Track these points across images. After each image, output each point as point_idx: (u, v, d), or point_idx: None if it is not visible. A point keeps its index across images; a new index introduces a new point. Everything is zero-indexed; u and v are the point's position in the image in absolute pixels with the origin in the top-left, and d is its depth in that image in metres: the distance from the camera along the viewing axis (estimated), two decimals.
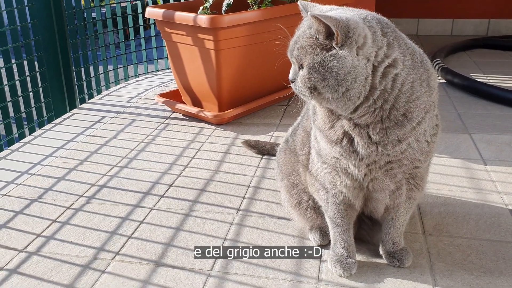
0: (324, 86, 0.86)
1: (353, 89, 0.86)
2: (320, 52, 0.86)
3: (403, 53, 0.89)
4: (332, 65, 0.85)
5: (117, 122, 2.00)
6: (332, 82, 0.85)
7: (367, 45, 0.85)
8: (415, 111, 0.91)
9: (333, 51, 0.85)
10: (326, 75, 0.85)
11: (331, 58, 0.85)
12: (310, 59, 0.87)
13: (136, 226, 1.24)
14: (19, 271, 1.08)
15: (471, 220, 1.23)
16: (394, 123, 0.91)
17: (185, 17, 1.84)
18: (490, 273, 1.03)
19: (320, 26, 0.85)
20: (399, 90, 0.89)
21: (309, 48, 0.87)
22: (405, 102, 0.90)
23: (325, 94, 0.87)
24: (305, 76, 0.88)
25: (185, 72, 2.00)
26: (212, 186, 1.44)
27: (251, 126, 1.91)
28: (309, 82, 0.88)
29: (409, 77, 0.89)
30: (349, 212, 1.04)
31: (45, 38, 2.18)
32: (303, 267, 1.06)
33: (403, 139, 0.92)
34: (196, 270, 1.06)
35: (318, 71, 0.86)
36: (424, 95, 0.91)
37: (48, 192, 1.42)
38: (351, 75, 0.85)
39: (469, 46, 3.11)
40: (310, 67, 0.87)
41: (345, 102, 0.88)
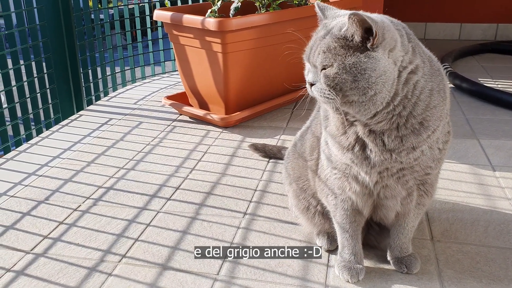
0: (353, 88, 0.84)
1: (381, 93, 0.85)
2: (353, 53, 0.84)
3: (423, 60, 0.89)
4: (366, 67, 0.83)
5: (124, 124, 2.00)
6: (362, 84, 0.83)
7: (396, 49, 0.85)
8: (431, 120, 0.91)
9: (367, 53, 0.83)
10: (357, 77, 0.83)
11: (366, 59, 0.83)
12: (341, 60, 0.84)
13: (143, 229, 1.24)
14: (26, 272, 1.08)
15: (480, 226, 1.22)
16: (410, 131, 0.90)
17: (193, 20, 1.84)
18: (499, 281, 1.02)
19: (357, 26, 0.82)
20: (418, 97, 0.89)
21: (340, 49, 0.85)
22: (423, 110, 0.90)
23: (351, 97, 0.85)
24: (332, 77, 0.85)
25: (192, 75, 2.00)
26: (219, 189, 1.43)
27: (258, 129, 1.91)
28: (337, 83, 0.85)
29: (427, 85, 0.89)
30: (358, 218, 1.04)
31: (53, 39, 2.19)
32: (310, 272, 1.06)
33: (417, 146, 0.92)
34: (203, 274, 1.06)
35: (350, 72, 0.84)
36: (441, 104, 0.91)
37: (55, 193, 1.43)
38: (381, 78, 0.84)
39: (478, 50, 3.09)
40: (341, 68, 0.84)
41: (369, 106, 0.86)
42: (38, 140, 1.87)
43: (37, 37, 2.15)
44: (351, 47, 0.84)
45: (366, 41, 0.83)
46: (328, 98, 0.87)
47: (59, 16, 2.17)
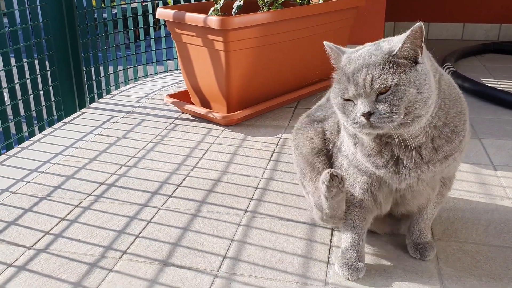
0: (417, 101, 0.85)
1: (433, 103, 0.88)
2: (409, 68, 0.85)
3: (440, 71, 0.93)
4: (425, 77, 0.85)
5: (126, 121, 2.00)
6: (425, 95, 0.85)
7: (426, 58, 0.88)
8: (460, 125, 0.93)
9: (418, 65, 0.86)
10: (421, 88, 0.85)
11: (421, 70, 0.86)
12: (403, 76, 0.85)
13: (144, 225, 1.24)
14: (28, 268, 1.08)
15: (481, 225, 1.22)
16: (444, 140, 0.93)
17: (196, 18, 1.84)
18: (499, 280, 1.02)
19: (409, 42, 0.85)
20: (449, 106, 0.92)
21: (397, 67, 0.85)
22: (453, 117, 0.93)
23: (414, 111, 0.85)
24: (400, 94, 0.84)
25: (194, 73, 2.01)
26: (220, 187, 1.44)
27: (260, 127, 1.91)
28: (403, 99, 0.84)
29: (452, 92, 0.92)
30: (369, 217, 1.06)
31: (56, 37, 2.19)
32: (310, 270, 1.06)
33: (450, 155, 0.95)
34: (203, 271, 1.06)
35: (414, 85, 0.85)
36: (465, 107, 0.95)
37: (57, 190, 1.43)
38: (433, 87, 0.87)
39: (480, 50, 3.09)
40: (405, 83, 0.84)
41: (423, 118, 0.88)
42: (41, 137, 1.87)
43: (40, 35, 2.16)
44: (405, 64, 0.86)
45: (417, 54, 0.86)
46: (393, 120, 0.85)
47: (62, 14, 2.18)
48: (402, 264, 1.08)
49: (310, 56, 2.21)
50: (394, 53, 0.86)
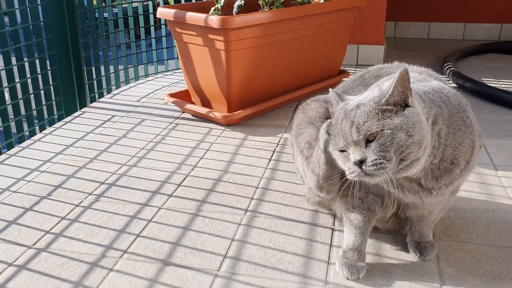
0: (410, 145, 0.85)
1: (428, 144, 0.88)
2: (397, 112, 0.86)
3: (439, 104, 0.92)
4: (414, 121, 0.85)
5: (127, 121, 2.00)
6: (417, 138, 0.85)
7: (416, 101, 0.89)
8: (460, 156, 0.93)
9: (407, 109, 0.86)
10: (410, 131, 0.85)
11: (410, 113, 0.86)
12: (389, 121, 0.86)
13: (145, 225, 1.24)
14: (28, 267, 1.08)
15: (481, 225, 1.22)
16: (443, 171, 0.93)
17: (196, 18, 1.84)
18: (500, 279, 1.02)
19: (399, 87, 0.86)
20: (445, 144, 0.91)
21: (382, 113, 0.86)
22: (451, 153, 0.92)
23: (409, 155, 0.85)
24: (388, 140, 0.84)
25: (195, 73, 2.01)
26: (221, 186, 1.44)
27: (260, 127, 1.91)
28: (393, 144, 0.84)
29: (450, 129, 0.92)
30: (373, 220, 1.06)
31: (57, 37, 2.19)
32: (311, 269, 1.06)
33: (451, 182, 0.95)
34: (204, 270, 1.06)
35: (402, 129, 0.85)
36: (467, 136, 0.93)
37: (58, 189, 1.43)
38: (425, 129, 0.87)
39: (481, 50, 3.08)
40: (392, 128, 0.85)
41: (422, 160, 0.88)
42: (41, 136, 1.88)
43: (41, 34, 2.16)
44: (391, 109, 0.86)
45: (406, 99, 0.87)
46: (383, 166, 0.85)
47: (63, 14, 2.18)
48: (402, 263, 1.08)
49: (311, 55, 2.21)
50: (382, 101, 0.87)
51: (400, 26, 3.66)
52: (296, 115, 1.27)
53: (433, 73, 1.13)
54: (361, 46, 2.82)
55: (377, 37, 2.81)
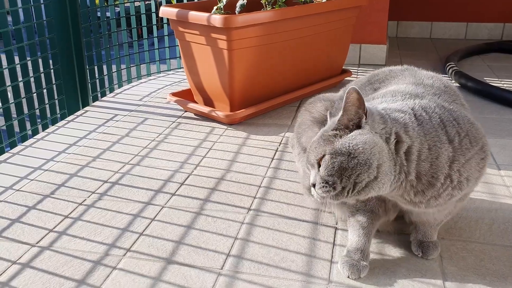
0: (355, 166, 0.85)
1: (385, 163, 0.87)
2: (342, 135, 0.88)
3: (406, 123, 0.90)
4: (357, 142, 0.86)
5: (129, 120, 2.01)
6: (362, 157, 0.85)
7: (375, 122, 0.89)
8: (438, 170, 0.91)
9: (355, 131, 0.88)
10: (352, 153, 0.86)
11: (354, 135, 0.87)
12: (329, 146, 0.88)
13: (148, 223, 1.25)
14: (32, 265, 1.09)
15: (484, 224, 1.22)
16: (426, 185, 0.92)
17: (199, 17, 1.84)
18: (503, 279, 1.02)
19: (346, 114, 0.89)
20: (417, 162, 0.90)
21: (332, 138, 0.89)
22: (429, 168, 0.91)
23: (360, 176, 0.86)
24: (329, 165, 0.87)
25: (197, 72, 2.01)
26: (223, 185, 1.44)
27: (263, 126, 1.91)
28: (335, 169, 0.86)
29: (423, 145, 0.90)
30: (376, 223, 1.06)
31: (59, 35, 2.20)
32: (314, 268, 1.06)
33: (438, 195, 0.94)
34: (207, 269, 1.06)
35: (342, 153, 0.86)
36: (442, 152, 0.91)
37: (61, 188, 1.44)
38: (376, 148, 0.86)
39: (483, 50, 3.08)
40: (331, 152, 0.87)
41: (383, 178, 0.88)
42: (44, 135, 1.88)
43: (44, 33, 2.16)
44: (337, 134, 0.89)
45: (355, 122, 0.89)
46: (327, 190, 0.88)
47: (66, 13, 2.18)
48: (405, 262, 1.08)
49: (313, 54, 2.21)
50: (333, 126, 0.90)
51: (402, 26, 3.66)
52: (300, 114, 1.27)
53: (443, 82, 1.09)
54: (363, 45, 2.82)
55: (379, 36, 2.81)
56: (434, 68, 1.16)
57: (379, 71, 1.22)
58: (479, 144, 0.95)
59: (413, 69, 1.17)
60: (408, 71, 1.16)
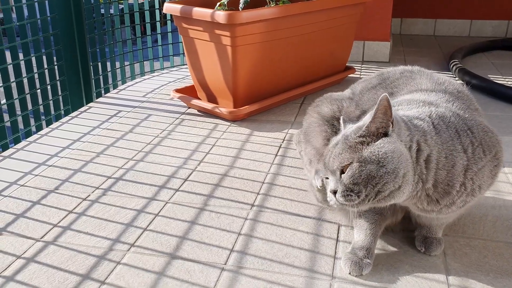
0: (383, 175, 0.85)
1: (409, 172, 0.88)
2: (368, 144, 0.88)
3: (425, 130, 0.91)
4: (386, 150, 0.86)
5: (133, 116, 2.01)
6: (391, 166, 0.85)
7: (402, 130, 0.89)
8: (454, 178, 0.92)
9: (382, 139, 0.87)
10: (381, 162, 0.86)
11: (383, 143, 0.87)
12: (358, 154, 0.87)
13: (152, 218, 1.25)
14: (37, 259, 1.09)
15: (488, 221, 1.22)
16: (441, 194, 0.93)
17: (203, 13, 1.84)
18: (507, 275, 1.02)
19: (375, 121, 0.88)
20: (436, 170, 0.91)
21: (359, 145, 0.89)
22: (445, 176, 0.91)
23: (385, 186, 0.86)
24: (356, 173, 0.86)
25: (201, 68, 2.01)
26: (227, 181, 1.44)
27: (266, 123, 1.91)
28: (362, 177, 0.86)
29: (441, 153, 0.91)
30: (383, 224, 1.07)
31: (63, 32, 2.20)
32: (317, 264, 1.06)
33: (452, 203, 0.94)
34: (211, 264, 1.07)
35: (372, 161, 0.86)
36: (457, 161, 0.92)
37: (65, 183, 1.44)
38: (403, 157, 0.87)
39: (488, 47, 3.07)
40: (360, 161, 0.87)
41: (405, 187, 0.88)
42: (48, 131, 1.88)
43: (48, 30, 2.17)
44: (365, 142, 0.88)
45: (382, 130, 0.88)
46: (351, 199, 0.88)
47: (69, 9, 2.19)
48: (409, 259, 1.08)
49: (317, 51, 2.21)
50: (359, 133, 0.89)
51: (406, 23, 3.65)
52: (308, 114, 1.27)
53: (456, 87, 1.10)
54: (367, 42, 2.81)
55: (383, 33, 2.80)
56: (437, 65, 1.16)
57: (390, 72, 1.21)
58: (493, 152, 0.96)
59: (425, 72, 1.17)
60: (420, 74, 1.15)
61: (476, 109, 1.08)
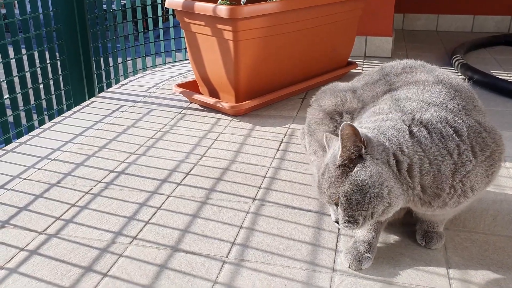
0: (370, 201, 0.88)
1: (393, 188, 0.90)
2: (348, 173, 0.90)
3: (400, 141, 0.92)
4: (364, 176, 0.88)
5: (135, 111, 2.01)
6: (374, 190, 0.88)
7: (374, 149, 0.90)
8: (442, 181, 0.93)
9: (358, 165, 0.90)
10: (365, 188, 0.88)
11: (359, 171, 0.89)
12: (342, 188, 0.90)
13: (154, 212, 1.26)
14: (39, 252, 1.10)
15: (489, 216, 1.22)
16: (432, 196, 0.94)
17: (205, 7, 1.84)
18: (507, 269, 1.02)
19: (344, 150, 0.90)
20: (420, 178, 0.92)
21: (339, 178, 0.91)
22: (433, 180, 0.92)
23: (376, 208, 0.89)
24: (346, 205, 0.90)
25: (203, 63, 2.01)
26: (229, 175, 1.45)
27: (268, 118, 1.92)
28: (352, 207, 0.90)
29: (424, 160, 0.91)
30: (385, 221, 1.07)
31: (66, 26, 2.20)
32: (318, 257, 1.07)
33: (444, 204, 0.95)
34: (212, 256, 1.07)
35: (354, 192, 0.89)
36: (443, 165, 0.92)
37: (67, 177, 1.45)
38: (382, 176, 0.89)
39: (490, 42, 3.06)
40: (345, 195, 0.89)
41: (396, 203, 0.91)
42: (51, 125, 1.89)
43: (50, 24, 2.17)
44: (344, 171, 0.91)
45: (356, 154, 0.90)
46: (351, 226, 0.92)
47: (72, 4, 2.19)
48: (410, 252, 1.08)
49: (319, 46, 2.20)
50: (336, 164, 0.91)
51: (408, 18, 3.64)
52: (309, 109, 1.28)
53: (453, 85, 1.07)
54: (369, 37, 2.81)
55: (385, 28, 2.79)
56: (439, 61, 1.15)
57: (392, 67, 1.19)
58: (487, 152, 0.96)
59: (426, 68, 1.15)
60: (421, 70, 1.13)
61: (475, 107, 1.05)
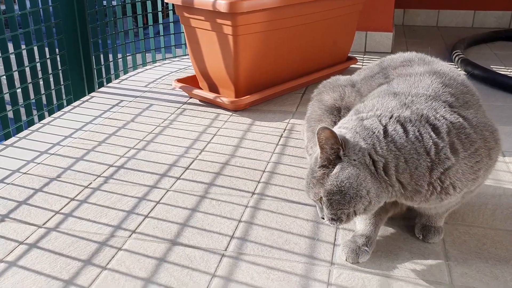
0: (350, 201, 0.91)
1: (372, 188, 0.91)
2: (329, 174, 0.93)
3: (374, 142, 0.92)
4: (342, 178, 0.90)
5: (134, 106, 2.01)
6: (352, 191, 0.90)
7: (350, 150, 0.92)
8: (420, 178, 0.93)
9: (337, 166, 0.92)
10: (342, 189, 0.90)
11: (337, 173, 0.91)
12: (324, 189, 0.93)
13: (153, 206, 1.26)
14: (39, 245, 1.10)
15: (488, 210, 1.22)
16: (413, 192, 0.94)
17: (204, 2, 1.84)
18: (505, 262, 1.03)
19: (323, 153, 0.93)
20: (397, 176, 0.93)
21: (321, 179, 0.94)
22: (410, 177, 0.93)
23: (357, 206, 0.91)
24: (328, 205, 0.93)
25: (202, 58, 2.01)
26: (228, 170, 1.45)
27: (268, 113, 1.92)
28: (335, 208, 0.92)
29: (399, 159, 0.91)
30: (384, 217, 1.08)
31: (65, 21, 2.20)
32: (317, 250, 1.07)
33: (429, 199, 0.95)
34: (211, 250, 1.08)
35: (334, 193, 0.91)
36: (419, 164, 0.92)
37: (67, 171, 1.45)
38: (359, 177, 0.91)
39: (491, 38, 3.05)
40: (326, 195, 0.92)
41: (375, 202, 0.93)
42: (50, 120, 1.89)
43: (50, 19, 2.17)
44: (325, 173, 0.93)
45: (334, 155, 0.92)
46: (334, 224, 0.95)
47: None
48: (408, 246, 1.09)
49: (319, 41, 2.20)
50: (317, 166, 0.94)
51: (408, 14, 3.63)
52: (310, 104, 1.27)
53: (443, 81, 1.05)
54: (369, 33, 2.80)
55: (386, 24, 2.79)
56: (440, 56, 1.14)
57: (392, 60, 1.18)
58: (471, 149, 0.94)
59: (424, 60, 1.13)
60: (418, 64, 1.12)
61: (466, 102, 1.03)
